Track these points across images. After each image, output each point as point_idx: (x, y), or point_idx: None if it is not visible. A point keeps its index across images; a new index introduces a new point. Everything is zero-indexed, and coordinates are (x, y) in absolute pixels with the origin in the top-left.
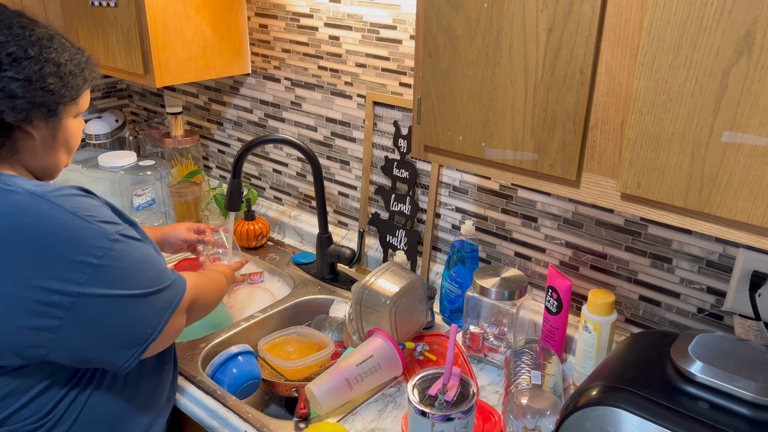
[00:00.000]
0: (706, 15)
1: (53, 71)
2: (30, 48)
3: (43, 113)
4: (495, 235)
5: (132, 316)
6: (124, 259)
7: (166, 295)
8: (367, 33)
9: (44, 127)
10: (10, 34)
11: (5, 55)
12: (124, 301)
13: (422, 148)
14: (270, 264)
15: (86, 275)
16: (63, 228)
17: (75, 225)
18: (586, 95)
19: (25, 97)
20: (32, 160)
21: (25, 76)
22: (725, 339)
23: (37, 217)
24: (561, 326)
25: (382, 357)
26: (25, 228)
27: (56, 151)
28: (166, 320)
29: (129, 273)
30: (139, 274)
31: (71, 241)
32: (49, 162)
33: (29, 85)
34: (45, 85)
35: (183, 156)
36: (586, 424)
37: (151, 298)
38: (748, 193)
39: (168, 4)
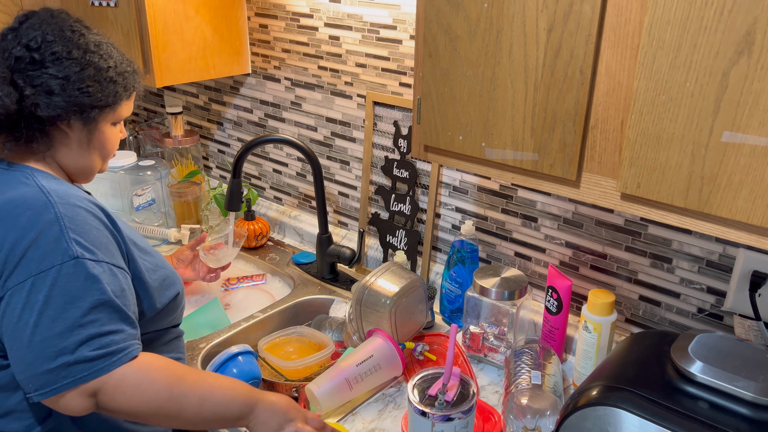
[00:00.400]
0: (706, 15)
1: (92, 75)
2: (74, 50)
3: (77, 114)
4: (495, 235)
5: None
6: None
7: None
8: (367, 33)
9: (80, 128)
10: (59, 35)
11: (49, 53)
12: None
13: (422, 148)
14: (270, 264)
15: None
16: (34, 227)
17: (47, 228)
18: (586, 95)
19: (62, 95)
20: (67, 159)
21: (64, 75)
22: (725, 339)
23: (22, 206)
24: (561, 326)
25: (382, 357)
26: (9, 214)
27: (90, 153)
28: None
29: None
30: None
31: (32, 242)
32: (84, 163)
33: (67, 84)
34: (82, 87)
35: (183, 156)
36: (586, 424)
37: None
38: (748, 193)
39: (168, 4)
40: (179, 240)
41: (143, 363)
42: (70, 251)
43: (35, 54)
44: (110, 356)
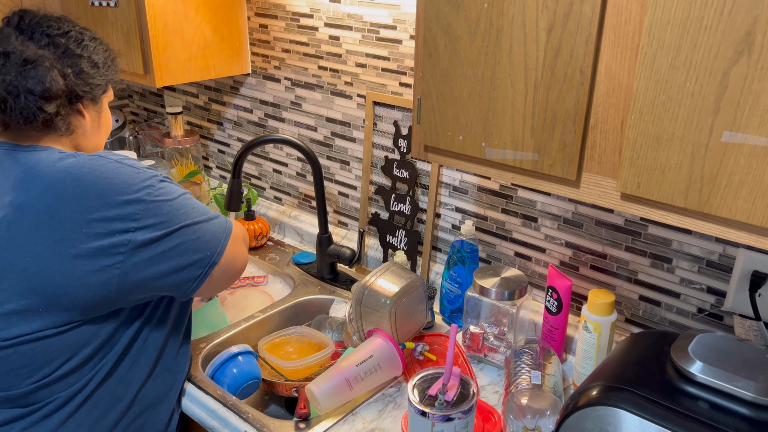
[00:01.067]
0: (706, 15)
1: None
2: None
3: (98, 90)
4: (495, 235)
5: (190, 239)
6: (172, 195)
7: (218, 222)
8: (367, 33)
9: (92, 108)
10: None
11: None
12: (180, 230)
13: (422, 148)
14: (270, 264)
15: (140, 210)
16: (115, 173)
17: (125, 171)
18: (586, 95)
19: (90, 74)
20: (83, 140)
21: (87, 54)
22: (725, 339)
23: (93, 168)
24: (561, 326)
25: (382, 357)
26: (84, 176)
27: (100, 131)
28: (225, 242)
29: (178, 207)
30: (187, 207)
31: (124, 183)
32: (95, 142)
33: (90, 62)
34: (97, 63)
35: (183, 156)
36: (586, 424)
37: (204, 224)
38: (748, 193)
39: (168, 4)
40: None
41: None
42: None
43: (58, 39)
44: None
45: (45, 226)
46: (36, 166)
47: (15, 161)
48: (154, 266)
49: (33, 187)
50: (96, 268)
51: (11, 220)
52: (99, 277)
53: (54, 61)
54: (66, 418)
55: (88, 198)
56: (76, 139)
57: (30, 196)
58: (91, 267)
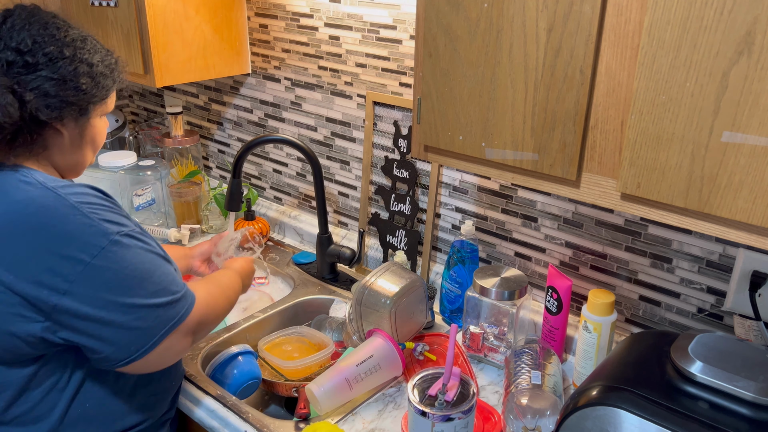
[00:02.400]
0: (706, 15)
1: (86, 71)
2: (65, 48)
3: (74, 112)
4: (495, 235)
5: (118, 325)
6: (120, 262)
7: (165, 312)
8: (367, 33)
9: (73, 125)
10: (46, 34)
11: (41, 55)
12: (113, 308)
13: (422, 148)
14: (270, 264)
15: (76, 272)
16: (63, 221)
17: (75, 220)
18: (586, 95)
19: (59, 96)
20: (60, 157)
21: (60, 76)
22: (725, 339)
23: (41, 208)
24: (561, 326)
25: (382, 357)
26: (28, 218)
27: (83, 149)
28: (159, 340)
29: (124, 278)
30: (135, 281)
31: (68, 235)
32: (76, 159)
33: (64, 84)
34: (78, 85)
35: (183, 156)
36: (586, 424)
37: (147, 311)
38: (748, 193)
39: (168, 4)
40: (179, 240)
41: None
42: (108, 230)
43: (28, 57)
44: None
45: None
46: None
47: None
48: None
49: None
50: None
51: None
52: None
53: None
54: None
55: (22, 241)
56: (51, 156)
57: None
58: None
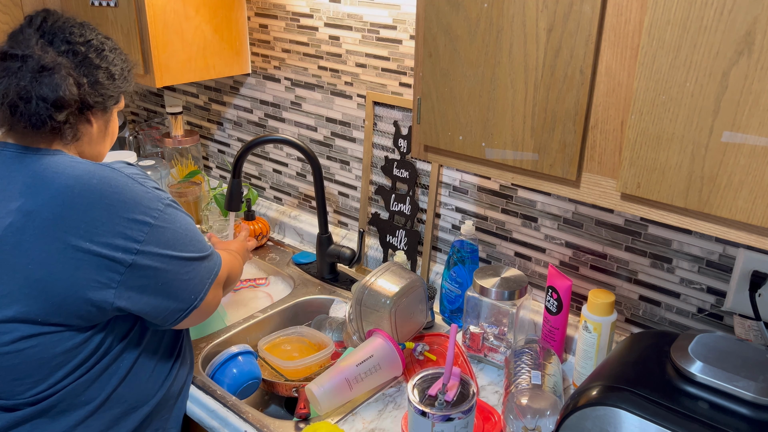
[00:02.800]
0: (706, 15)
1: (120, 66)
2: (104, 43)
3: (111, 102)
4: (495, 235)
5: (180, 278)
6: (175, 223)
7: (208, 264)
8: (367, 33)
9: (101, 116)
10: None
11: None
12: (175, 262)
13: (422, 148)
14: (270, 264)
15: (144, 233)
16: (125, 189)
17: (135, 188)
18: (586, 95)
19: (104, 85)
20: (88, 147)
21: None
22: (725, 339)
23: (104, 179)
24: (561, 326)
25: (382, 357)
26: (95, 188)
27: (105, 140)
28: (208, 289)
29: (179, 236)
30: (186, 238)
31: (132, 201)
32: (99, 150)
33: (107, 73)
34: (113, 75)
35: (183, 156)
36: (586, 424)
37: (197, 264)
38: (748, 193)
39: (168, 4)
40: None
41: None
42: (161, 197)
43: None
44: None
45: (50, 234)
46: (45, 171)
47: (23, 165)
48: (144, 294)
49: (41, 193)
50: (95, 283)
51: (18, 227)
52: (96, 292)
53: (71, 70)
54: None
55: (95, 210)
56: (81, 146)
57: (38, 203)
58: (91, 280)
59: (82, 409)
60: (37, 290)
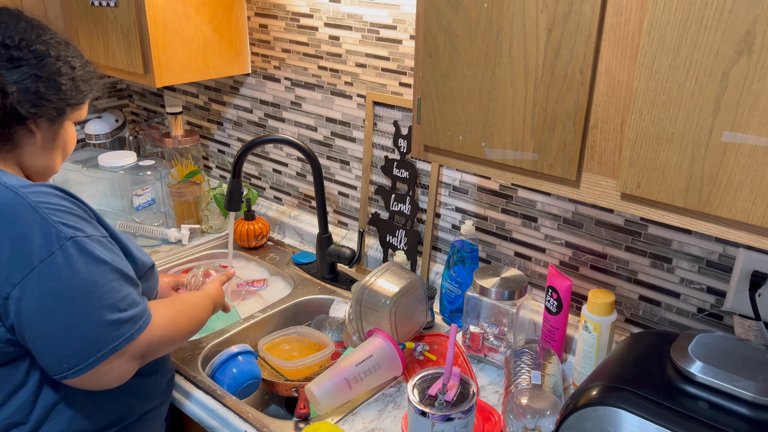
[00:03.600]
0: (706, 15)
1: (68, 73)
2: (50, 48)
3: (52, 111)
4: (495, 235)
5: (56, 339)
6: (69, 270)
7: (108, 332)
8: (367, 33)
9: (47, 126)
10: (33, 33)
11: (27, 51)
12: (52, 320)
13: (422, 148)
14: (270, 264)
15: (22, 276)
16: (17, 221)
17: (30, 220)
18: (586, 95)
19: (39, 93)
20: (30, 159)
21: (43, 73)
22: (725, 339)
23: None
24: (561, 326)
25: (381, 357)
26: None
27: (53, 152)
28: (95, 361)
29: (68, 289)
30: (80, 293)
31: (21, 236)
32: (45, 163)
33: (46, 82)
34: (59, 85)
35: (183, 156)
36: (586, 424)
37: (86, 328)
38: (748, 193)
39: (168, 4)
40: (179, 240)
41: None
42: (62, 234)
43: (14, 52)
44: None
45: None
46: None
47: None
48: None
49: None
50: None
51: None
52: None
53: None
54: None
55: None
56: (20, 156)
57: None
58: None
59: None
60: None
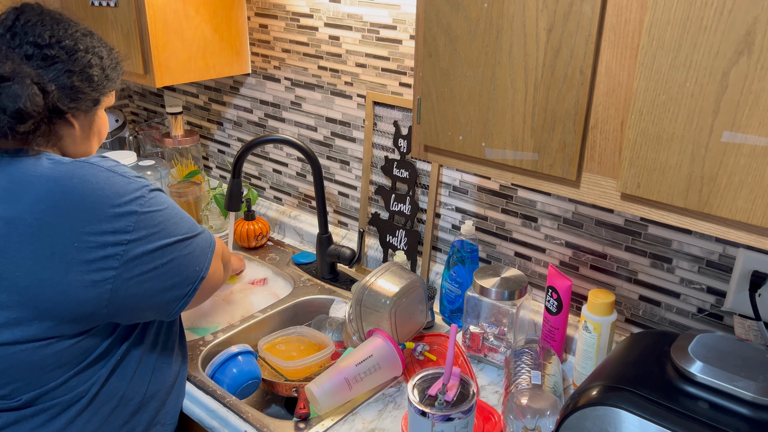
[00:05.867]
0: (706, 15)
1: (98, 63)
2: (79, 42)
3: (89, 102)
4: (495, 235)
5: (180, 256)
6: (163, 206)
7: (204, 237)
8: (367, 33)
9: (83, 117)
10: (60, 28)
11: (59, 48)
12: (171, 244)
13: (422, 148)
14: (270, 264)
15: (133, 223)
16: (106, 183)
17: (116, 180)
18: (586, 95)
19: (76, 87)
20: (72, 148)
21: (77, 68)
22: (725, 339)
23: (83, 178)
24: (561, 326)
25: (381, 357)
26: (75, 188)
27: (91, 139)
28: (210, 258)
29: (169, 218)
30: (177, 219)
31: (115, 194)
32: (84, 149)
33: (81, 75)
34: (91, 77)
35: (183, 156)
36: (586, 424)
37: (193, 240)
38: (748, 193)
39: (168, 4)
40: None
41: None
42: (142, 184)
43: (46, 50)
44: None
45: (35, 240)
46: (23, 175)
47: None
48: (146, 282)
49: (22, 198)
50: (88, 283)
51: (1, 234)
52: (91, 292)
53: (35, 77)
54: (73, 418)
55: (79, 211)
56: (63, 147)
57: (19, 209)
58: (83, 281)
59: (74, 408)
60: (26, 297)
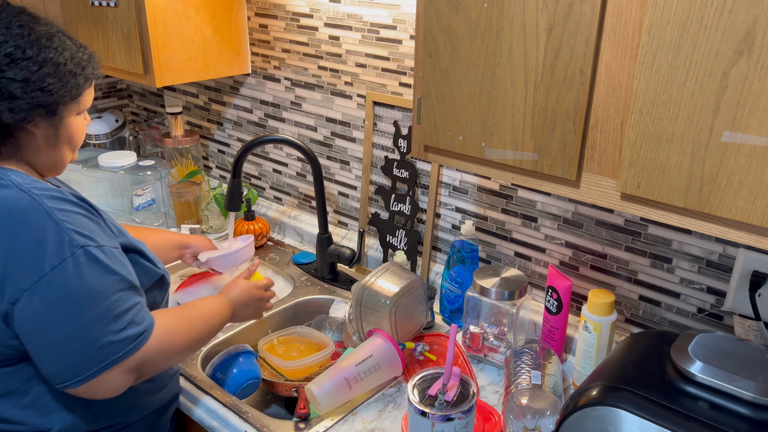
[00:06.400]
0: (706, 15)
1: (52, 72)
2: (28, 48)
3: (42, 113)
4: (495, 235)
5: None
6: (78, 279)
7: (106, 346)
8: (367, 33)
9: (46, 125)
10: (9, 33)
11: (2, 56)
12: (56, 328)
13: (422, 148)
14: (270, 264)
15: (32, 282)
16: (31, 226)
17: (44, 225)
18: (586, 95)
19: (23, 98)
20: (36, 157)
21: (23, 77)
22: (725, 339)
23: (13, 210)
24: (561, 326)
25: (381, 357)
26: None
27: (60, 148)
28: (95, 373)
29: (75, 297)
30: (85, 303)
31: (33, 241)
32: (53, 158)
33: (27, 86)
34: (43, 86)
35: (183, 156)
36: (586, 424)
37: (89, 337)
38: (748, 193)
39: (168, 4)
40: None
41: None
42: (74, 242)
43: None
44: (142, 328)
45: None
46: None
47: None
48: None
49: None
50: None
51: None
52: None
53: None
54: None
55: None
56: (27, 156)
57: None
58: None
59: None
60: None
